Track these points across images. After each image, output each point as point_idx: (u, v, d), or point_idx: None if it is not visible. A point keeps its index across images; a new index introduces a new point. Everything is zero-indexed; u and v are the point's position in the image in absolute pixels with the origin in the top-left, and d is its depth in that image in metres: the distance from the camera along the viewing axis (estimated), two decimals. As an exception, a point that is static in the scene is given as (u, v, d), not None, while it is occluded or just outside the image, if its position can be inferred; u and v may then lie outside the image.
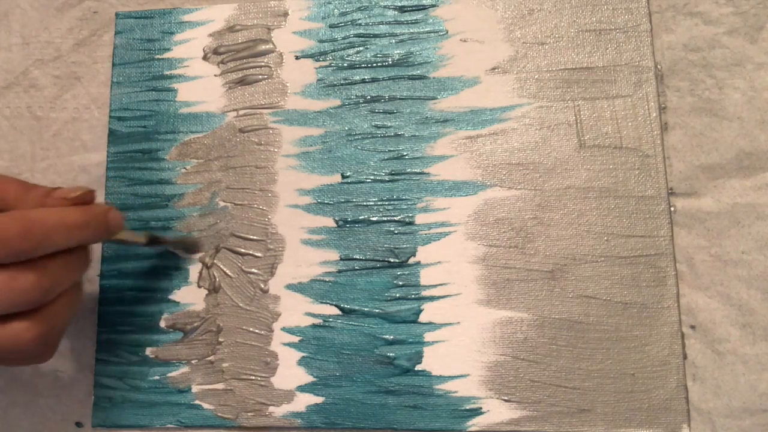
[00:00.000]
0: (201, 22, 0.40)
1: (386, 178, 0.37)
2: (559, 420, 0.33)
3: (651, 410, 0.33)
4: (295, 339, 0.36)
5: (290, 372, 0.35)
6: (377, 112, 0.37)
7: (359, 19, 0.39)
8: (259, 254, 0.37)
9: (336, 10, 0.39)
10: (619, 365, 0.33)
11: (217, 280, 0.37)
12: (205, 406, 0.35)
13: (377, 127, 0.37)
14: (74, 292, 0.31)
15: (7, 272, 0.27)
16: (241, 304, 0.36)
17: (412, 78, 0.37)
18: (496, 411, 0.33)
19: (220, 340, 0.36)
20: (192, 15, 0.40)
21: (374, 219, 0.36)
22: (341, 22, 0.39)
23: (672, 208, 0.34)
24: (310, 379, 0.35)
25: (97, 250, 0.38)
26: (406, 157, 0.37)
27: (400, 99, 0.37)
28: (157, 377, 0.36)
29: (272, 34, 0.39)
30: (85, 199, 0.31)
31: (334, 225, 0.36)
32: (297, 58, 0.39)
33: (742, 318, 0.33)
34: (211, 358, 0.36)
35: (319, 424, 0.34)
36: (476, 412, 0.34)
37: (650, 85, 0.35)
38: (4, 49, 0.41)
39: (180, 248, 0.37)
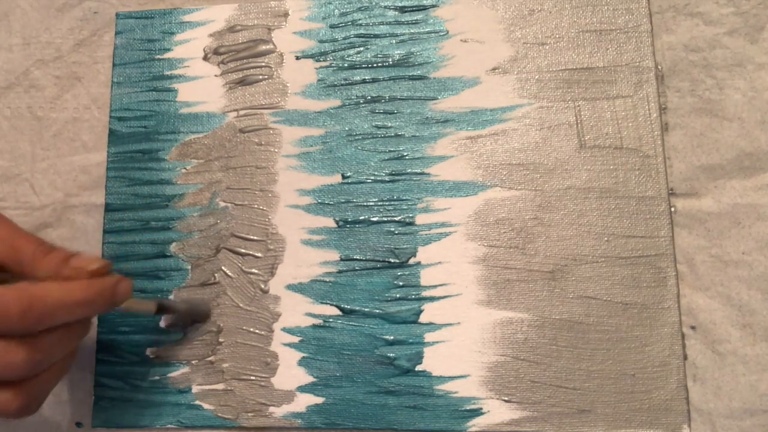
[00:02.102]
0: (201, 23, 0.40)
1: (386, 178, 0.37)
2: (559, 420, 0.33)
3: (651, 411, 0.32)
4: (296, 339, 0.36)
5: (290, 372, 0.35)
6: (378, 113, 0.37)
7: (360, 20, 0.39)
8: (259, 254, 0.37)
9: (336, 11, 0.39)
10: (619, 366, 0.33)
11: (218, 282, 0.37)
12: (206, 406, 0.35)
13: (378, 127, 0.37)
14: (67, 359, 0.30)
15: (0, 343, 0.26)
16: (241, 305, 0.36)
17: (412, 78, 0.37)
18: (497, 411, 0.33)
19: (221, 340, 0.36)
20: (192, 15, 0.40)
21: (374, 219, 0.36)
22: (342, 23, 0.39)
23: (672, 209, 0.34)
24: (310, 379, 0.35)
25: (97, 249, 0.38)
26: (407, 157, 0.37)
27: (400, 99, 0.37)
28: (157, 377, 0.36)
29: (273, 35, 0.39)
30: (103, 272, 0.30)
31: (335, 225, 0.36)
32: (297, 58, 0.39)
33: (743, 318, 0.33)
34: (211, 358, 0.36)
35: (319, 425, 0.34)
36: (476, 412, 0.34)
37: (651, 85, 0.35)
38: (5, 50, 0.41)
39: (189, 318, 0.36)
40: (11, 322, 0.26)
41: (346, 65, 0.38)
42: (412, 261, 0.36)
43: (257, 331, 0.36)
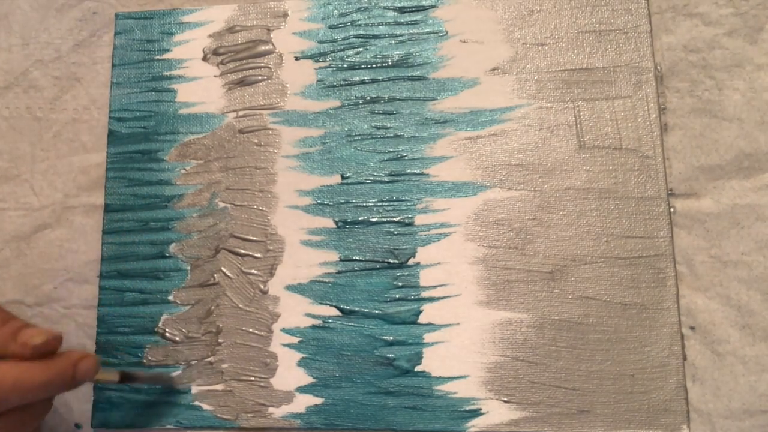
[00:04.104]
0: (201, 23, 0.40)
1: (386, 179, 0.37)
2: (558, 421, 0.33)
3: (651, 411, 0.32)
4: (295, 340, 0.36)
5: (290, 373, 0.35)
6: (377, 113, 0.37)
7: (359, 20, 0.39)
8: (258, 255, 0.37)
9: (336, 11, 0.39)
10: (618, 366, 0.33)
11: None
12: (205, 407, 0.35)
13: (377, 128, 0.37)
14: None
15: None
16: (240, 305, 0.36)
17: (411, 79, 0.37)
18: (496, 412, 0.33)
19: (220, 341, 0.36)
20: (192, 16, 0.40)
21: (374, 220, 0.36)
22: (341, 23, 0.39)
23: (672, 209, 0.34)
24: (309, 380, 0.35)
25: (96, 250, 0.38)
26: (406, 158, 0.37)
27: (399, 100, 0.37)
28: (156, 378, 0.36)
29: (272, 35, 0.39)
30: (49, 348, 0.29)
31: (334, 226, 0.36)
32: (297, 58, 0.39)
33: (742, 319, 0.33)
34: (210, 359, 0.36)
35: (318, 425, 0.34)
36: (476, 413, 0.34)
37: (650, 86, 0.35)
38: (4, 50, 0.41)
39: (156, 385, 0.36)
40: None
41: (345, 66, 0.38)
42: (411, 261, 0.36)
43: (256, 331, 0.36)
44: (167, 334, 0.37)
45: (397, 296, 0.35)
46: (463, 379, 0.34)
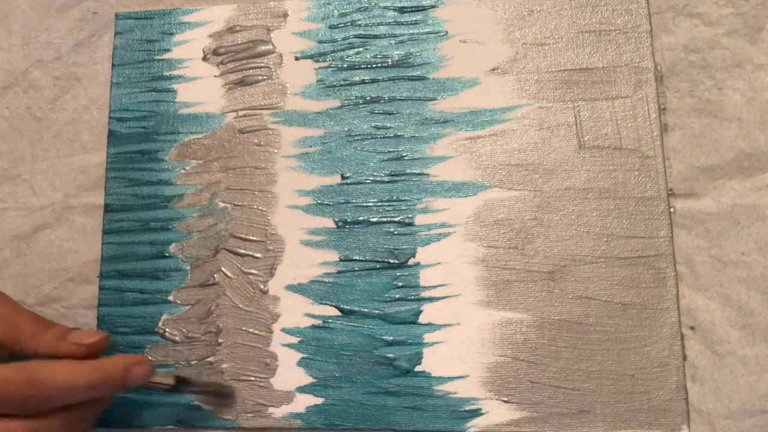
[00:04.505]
0: (201, 23, 0.40)
1: (386, 179, 0.37)
2: (558, 421, 0.33)
3: (651, 411, 0.32)
4: (295, 340, 0.36)
5: (290, 373, 0.35)
6: (377, 113, 0.37)
7: (359, 20, 0.39)
8: (258, 255, 0.37)
9: (336, 11, 0.39)
10: (618, 366, 0.33)
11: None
12: (205, 406, 0.35)
13: (377, 128, 0.37)
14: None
15: (2, 422, 0.26)
16: (240, 305, 0.36)
17: (411, 79, 0.37)
18: (496, 412, 0.33)
19: (220, 341, 0.36)
20: (192, 16, 0.40)
21: (374, 220, 0.36)
22: (341, 23, 0.39)
23: (672, 209, 0.34)
24: (309, 380, 0.35)
25: (96, 250, 0.38)
26: (406, 158, 0.37)
27: (399, 100, 0.37)
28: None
29: (272, 35, 0.39)
30: (100, 347, 0.30)
31: (334, 226, 0.36)
32: (297, 58, 0.39)
33: (742, 319, 0.33)
34: (210, 359, 0.36)
35: (318, 425, 0.34)
36: (476, 413, 0.34)
37: (650, 86, 0.35)
38: (4, 50, 0.41)
39: (211, 394, 0.35)
40: (13, 401, 0.26)
41: (345, 66, 0.38)
42: (411, 261, 0.36)
43: (256, 331, 0.36)
44: (167, 334, 0.37)
45: (397, 296, 0.35)
46: (463, 379, 0.34)
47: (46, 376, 0.27)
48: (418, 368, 0.34)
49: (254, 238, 0.37)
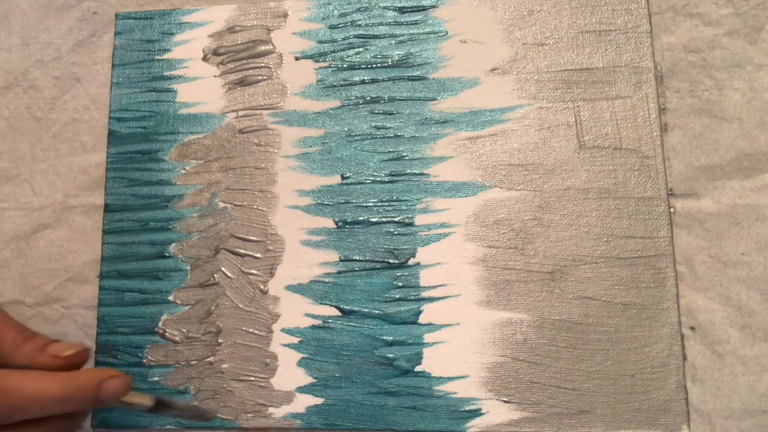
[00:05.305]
0: (201, 23, 0.40)
1: (386, 179, 0.37)
2: (558, 421, 0.33)
3: (651, 411, 0.32)
4: (295, 340, 0.36)
5: (290, 373, 0.35)
6: (377, 113, 0.37)
7: (359, 20, 0.39)
8: (258, 255, 0.37)
9: (336, 11, 0.39)
10: (618, 366, 0.33)
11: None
12: (205, 407, 0.35)
13: (377, 128, 0.37)
14: None
15: None
16: (240, 305, 0.36)
17: (411, 79, 0.37)
18: (496, 412, 0.33)
19: (220, 341, 0.36)
20: (192, 16, 0.40)
21: (374, 220, 0.36)
22: (341, 23, 0.39)
23: (672, 209, 0.34)
24: (309, 380, 0.35)
25: (96, 250, 0.38)
26: (406, 158, 0.37)
27: (399, 100, 0.37)
28: (156, 378, 0.36)
29: (272, 35, 0.39)
30: (79, 359, 0.29)
31: (334, 226, 0.36)
32: (297, 59, 0.39)
33: (742, 319, 0.33)
34: (210, 359, 0.36)
35: (318, 426, 0.34)
36: (476, 413, 0.34)
37: (650, 86, 0.35)
38: (4, 50, 0.41)
39: (190, 417, 0.34)
40: None
41: (345, 66, 0.38)
42: (411, 262, 0.36)
43: (256, 331, 0.36)
44: (167, 335, 0.37)
45: (397, 296, 0.35)
46: (463, 379, 0.34)
47: (14, 387, 0.26)
48: (418, 368, 0.34)
49: (254, 238, 0.37)
